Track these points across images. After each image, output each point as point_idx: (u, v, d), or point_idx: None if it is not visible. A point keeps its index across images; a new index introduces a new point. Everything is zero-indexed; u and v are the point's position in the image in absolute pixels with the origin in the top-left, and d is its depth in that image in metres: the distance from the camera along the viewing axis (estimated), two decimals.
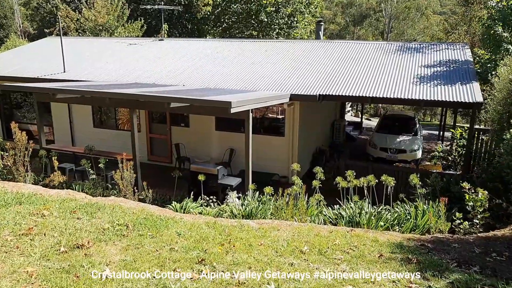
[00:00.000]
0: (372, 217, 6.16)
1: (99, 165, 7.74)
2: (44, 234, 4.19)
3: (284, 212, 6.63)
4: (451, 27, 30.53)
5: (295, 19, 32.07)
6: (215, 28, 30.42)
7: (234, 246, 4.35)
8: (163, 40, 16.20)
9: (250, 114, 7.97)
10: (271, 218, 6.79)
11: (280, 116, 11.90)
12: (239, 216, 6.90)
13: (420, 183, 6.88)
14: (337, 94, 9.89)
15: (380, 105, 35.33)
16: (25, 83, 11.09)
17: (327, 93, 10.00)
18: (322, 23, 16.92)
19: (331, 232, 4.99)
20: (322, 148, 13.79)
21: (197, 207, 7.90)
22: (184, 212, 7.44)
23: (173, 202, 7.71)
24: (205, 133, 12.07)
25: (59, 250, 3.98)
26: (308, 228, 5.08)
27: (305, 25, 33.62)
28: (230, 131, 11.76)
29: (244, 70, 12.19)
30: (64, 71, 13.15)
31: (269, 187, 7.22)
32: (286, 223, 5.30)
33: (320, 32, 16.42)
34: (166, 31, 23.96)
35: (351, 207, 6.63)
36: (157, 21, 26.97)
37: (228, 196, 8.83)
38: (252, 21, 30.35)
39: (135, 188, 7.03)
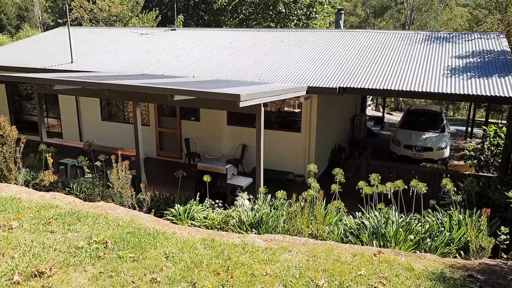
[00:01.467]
0: (400, 229, 5.33)
1: (96, 162, 7.11)
2: (3, 255, 3.53)
3: (299, 220, 5.86)
4: (480, 16, 28.83)
5: (314, 9, 30.97)
6: (232, 19, 29.59)
7: (232, 277, 3.54)
8: (175, 30, 15.51)
9: (262, 108, 7.20)
10: (283, 227, 6.04)
11: (296, 110, 11.09)
12: (248, 223, 6.16)
13: (455, 188, 6.01)
14: (359, 87, 9.02)
15: (401, 99, 34.00)
16: (30, 73, 10.57)
17: (348, 86, 9.13)
18: (342, 12, 15.93)
19: (355, 256, 4.14)
20: (342, 144, 12.91)
21: (202, 210, 7.21)
22: (188, 217, 6.77)
23: (176, 204, 7.03)
24: (216, 128, 11.36)
25: (11, 279, 3.24)
26: (326, 249, 4.25)
27: (324, 16, 32.49)
28: (243, 126, 11.02)
29: (259, 61, 11.40)
30: (72, 62, 12.62)
31: (282, 191, 6.45)
32: (299, 241, 4.50)
33: (340, 21, 15.44)
34: (181, 22, 23.33)
35: (375, 215, 5.81)
36: (173, 12, 26.31)
37: (238, 198, 8.11)
38: (269, 12, 29.41)
39: (133, 189, 6.36)
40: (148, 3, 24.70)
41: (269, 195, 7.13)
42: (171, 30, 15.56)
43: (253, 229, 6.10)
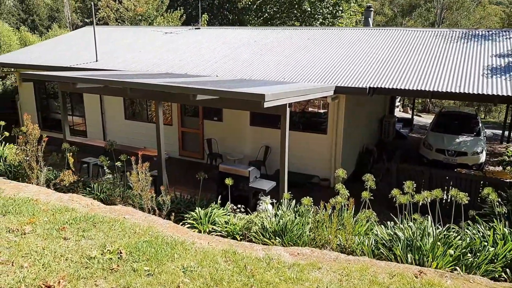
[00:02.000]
0: (438, 242, 4.88)
1: (116, 163, 6.94)
2: (12, 264, 3.33)
3: (326, 230, 5.48)
4: None
5: (340, 8, 30.32)
6: (256, 19, 29.31)
7: None
8: (199, 28, 15.35)
9: (288, 109, 6.85)
10: (309, 235, 5.68)
11: (322, 111, 10.69)
12: (271, 230, 5.83)
13: (498, 199, 5.50)
14: (390, 87, 8.54)
15: (428, 100, 32.86)
16: (54, 71, 10.58)
17: (378, 86, 8.67)
18: (371, 9, 15.36)
19: (393, 276, 3.73)
20: (369, 147, 12.40)
21: (224, 214, 6.92)
22: (209, 221, 6.50)
23: (197, 208, 6.78)
24: (239, 128, 11.08)
25: None
26: (360, 268, 3.85)
27: (350, 14, 31.77)
28: (266, 126, 10.70)
29: (284, 59, 11.05)
30: (97, 60, 12.61)
31: (308, 198, 6.08)
32: (329, 256, 4.12)
33: (369, 18, 14.89)
34: (206, 21, 23.23)
35: (409, 226, 5.38)
36: (197, 11, 26.27)
37: (261, 202, 7.79)
38: (294, 11, 28.96)
39: (154, 190, 6.14)
40: (173, 2, 24.73)
41: (294, 201, 6.79)
42: (195, 28, 15.40)
43: (277, 237, 5.77)
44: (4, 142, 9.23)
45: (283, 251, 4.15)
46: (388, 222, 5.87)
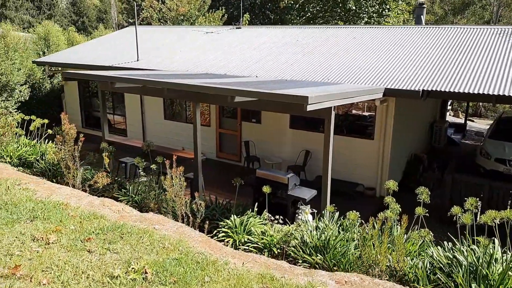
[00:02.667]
0: (510, 272, 4.20)
1: (152, 165, 6.71)
2: (31, 279, 3.07)
3: (374, 249, 4.92)
4: None
5: (387, 6, 29.08)
6: (298, 18, 28.71)
7: None
8: (240, 28, 15.04)
9: (333, 112, 6.33)
10: (354, 253, 5.14)
11: (365, 113, 10.04)
12: (312, 245, 5.34)
13: None
14: (446, 90, 7.77)
15: (481, 104, 30.82)
16: (94, 70, 10.63)
17: (433, 89, 7.92)
18: (424, 6, 14.37)
19: None
20: (419, 154, 11.55)
21: (260, 223, 6.51)
22: (244, 230, 6.11)
23: (232, 215, 6.41)
24: (277, 131, 10.63)
25: None
26: None
27: (397, 13, 30.42)
28: (307, 129, 10.18)
29: (328, 59, 10.48)
30: (138, 60, 12.62)
31: (354, 212, 5.54)
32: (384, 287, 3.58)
33: (421, 16, 13.94)
34: (247, 21, 22.99)
35: (472, 249, 4.70)
36: (239, 11, 26.12)
37: (300, 212, 7.31)
38: (338, 9, 28.09)
39: (190, 192, 5.83)
40: (215, 2, 24.69)
41: (337, 213, 6.26)
42: (236, 28, 15.11)
43: (318, 254, 5.27)
44: (47, 140, 9.35)
45: (328, 278, 3.65)
46: (445, 243, 5.22)
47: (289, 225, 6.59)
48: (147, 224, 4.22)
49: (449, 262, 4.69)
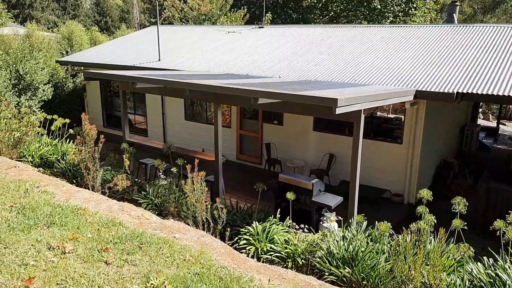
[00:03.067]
0: None
1: (172, 168, 6.52)
2: None
3: (407, 263, 4.56)
4: None
5: (414, 5, 28.27)
6: (321, 17, 28.25)
7: None
8: (263, 27, 14.77)
9: (362, 115, 5.99)
10: (384, 266, 4.79)
11: (391, 116, 9.63)
12: (339, 256, 5.02)
13: None
14: (483, 93, 7.30)
15: (511, 106, 29.60)
16: (114, 70, 10.55)
17: (468, 91, 7.46)
18: (457, 4, 13.75)
19: None
20: (449, 160, 11.02)
21: (283, 231, 6.22)
22: (266, 238, 5.84)
23: (254, 221, 6.14)
24: (300, 133, 10.31)
25: None
26: None
27: (424, 12, 29.56)
28: (331, 132, 9.83)
29: (354, 59, 10.09)
30: (159, 60, 12.51)
31: (385, 223, 5.19)
32: None
33: (454, 14, 13.34)
34: (269, 20, 22.73)
35: None
36: (261, 10, 25.88)
37: (324, 219, 6.99)
38: (362, 8, 27.48)
39: (210, 195, 5.59)
40: (237, 1, 24.50)
41: (365, 222, 5.91)
42: (259, 27, 14.85)
43: (346, 266, 4.95)
44: (68, 140, 9.31)
45: None
46: (485, 258, 4.82)
47: (314, 233, 6.30)
48: (167, 232, 3.99)
49: (491, 280, 4.30)
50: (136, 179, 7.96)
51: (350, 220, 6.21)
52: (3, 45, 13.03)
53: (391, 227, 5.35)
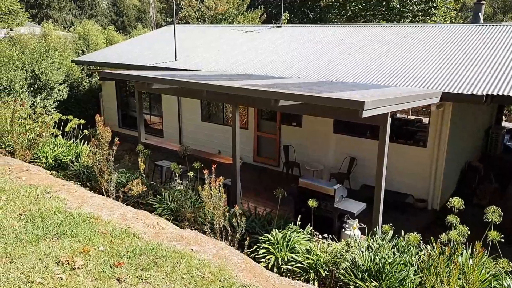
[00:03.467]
0: None
1: (189, 173, 6.30)
2: None
3: (439, 277, 4.24)
4: None
5: (434, 4, 27.59)
6: (339, 17, 27.79)
7: None
8: (281, 27, 14.49)
9: (389, 119, 5.67)
10: (414, 280, 4.48)
11: (411, 117, 9.25)
12: (365, 268, 4.72)
13: None
14: None
15: None
16: (130, 70, 10.40)
17: (498, 93, 7.06)
18: (483, 2, 13.23)
19: None
20: (473, 163, 10.57)
21: (304, 239, 5.94)
22: (287, 246, 5.57)
23: (274, 229, 5.88)
24: (320, 135, 9.99)
25: None
26: None
27: (444, 12, 28.84)
28: (352, 135, 9.50)
29: (376, 60, 9.74)
30: (176, 60, 12.34)
31: (415, 234, 4.88)
32: None
33: (479, 14, 12.84)
34: (286, 20, 22.43)
35: None
36: (278, 10, 25.61)
37: (347, 227, 6.68)
38: (381, 8, 26.92)
39: (225, 208, 5.35)
40: (254, 1, 24.25)
41: (391, 231, 5.59)
42: (277, 27, 14.57)
43: (373, 280, 4.65)
44: (83, 141, 9.19)
45: None
46: None
47: (336, 242, 6.01)
48: (184, 244, 3.75)
49: None
50: (152, 182, 7.78)
51: (375, 229, 5.91)
52: (19, 45, 13.03)
53: (419, 240, 5.04)
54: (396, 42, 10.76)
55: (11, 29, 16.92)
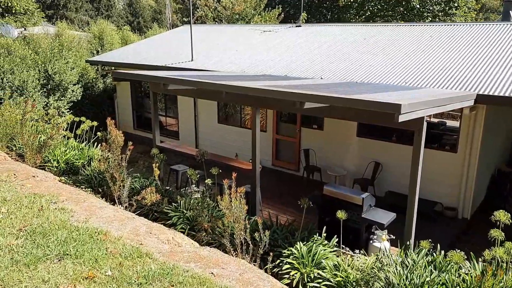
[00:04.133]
0: None
1: (207, 180, 5.92)
2: None
3: None
4: None
5: (455, 4, 26.79)
6: (357, 17, 27.19)
7: None
8: (300, 26, 14.03)
9: (424, 123, 5.20)
10: None
11: (434, 120, 8.70)
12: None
13: None
14: None
15: None
16: (146, 71, 10.09)
17: None
18: None
19: None
20: (504, 169, 9.95)
21: (331, 252, 5.50)
22: (313, 261, 5.14)
23: (298, 242, 5.45)
24: (342, 138, 9.52)
25: None
26: None
27: (465, 12, 28.02)
28: (377, 138, 9.00)
29: (402, 60, 9.23)
30: (192, 60, 12.00)
31: (457, 252, 4.39)
32: None
33: (510, 12, 12.18)
34: (304, 20, 21.97)
35: None
36: (295, 10, 25.22)
37: (375, 238, 6.21)
38: (401, 8, 26.24)
39: (247, 219, 4.94)
40: (271, 1, 23.86)
41: (425, 244, 5.10)
42: (296, 26, 14.12)
43: None
44: (96, 143, 8.91)
45: None
46: None
47: (364, 254, 5.55)
48: (203, 266, 3.34)
49: None
50: (167, 187, 7.43)
51: (407, 242, 5.43)
52: (32, 44, 12.85)
53: (462, 258, 4.54)
54: (422, 41, 10.21)
55: (25, 29, 16.85)
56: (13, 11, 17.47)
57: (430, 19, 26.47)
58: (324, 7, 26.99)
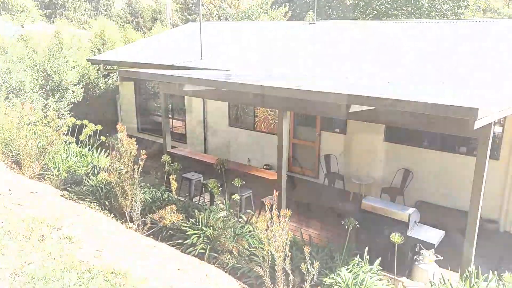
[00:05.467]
0: None
1: (233, 196, 5.14)
2: None
3: None
4: None
5: (464, 3, 26.26)
6: (364, 16, 26.51)
7: None
8: (314, 23, 13.27)
9: (492, 129, 4.45)
10: None
11: None
12: None
13: None
14: None
15: None
16: (158, 70, 9.30)
17: None
18: None
19: None
20: None
21: (378, 279, 4.75)
22: None
23: (341, 268, 4.68)
24: (368, 143, 8.76)
25: None
26: None
27: (472, 11, 27.48)
28: (407, 144, 8.25)
29: (435, 60, 8.50)
30: (201, 58, 11.21)
31: None
32: None
33: None
34: (311, 18, 21.28)
35: None
36: (302, 9, 24.61)
37: (421, 259, 5.45)
38: (407, 7, 25.63)
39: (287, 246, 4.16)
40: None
41: (492, 273, 4.35)
42: (309, 23, 13.36)
43: None
44: (99, 149, 8.12)
45: None
46: None
47: (411, 280, 4.80)
48: None
49: None
50: (180, 198, 6.66)
51: (470, 269, 4.67)
52: (30, 42, 12.04)
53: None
54: (456, 39, 9.49)
55: (22, 27, 16.03)
56: (9, 7, 16.64)
57: (438, 18, 25.93)
58: (330, 6, 26.34)
